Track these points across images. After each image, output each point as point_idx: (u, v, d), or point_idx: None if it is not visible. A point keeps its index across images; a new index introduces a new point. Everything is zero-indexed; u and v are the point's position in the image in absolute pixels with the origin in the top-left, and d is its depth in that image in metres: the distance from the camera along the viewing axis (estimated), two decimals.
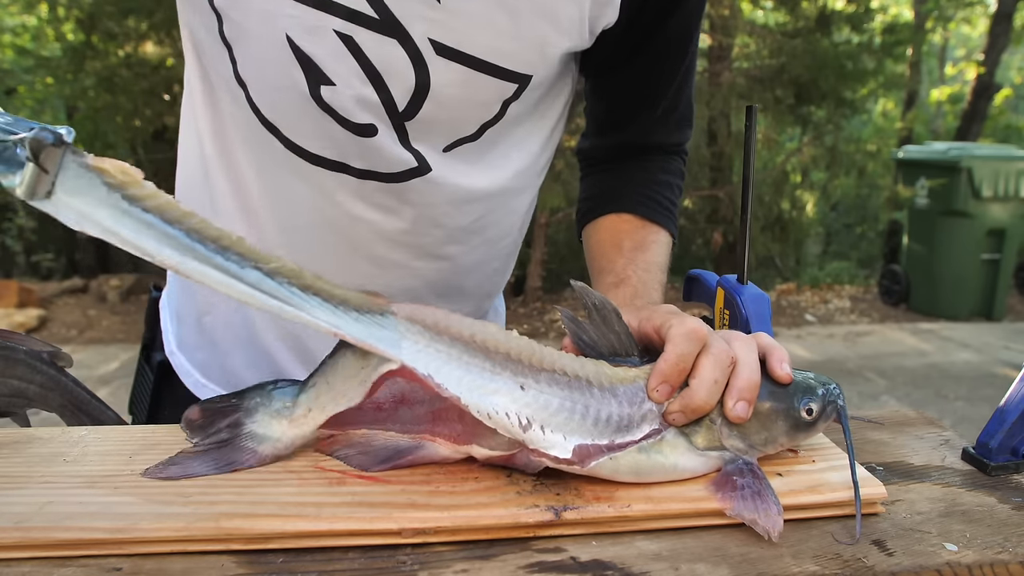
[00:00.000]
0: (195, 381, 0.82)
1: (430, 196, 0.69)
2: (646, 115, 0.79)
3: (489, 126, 0.68)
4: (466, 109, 0.66)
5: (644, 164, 0.82)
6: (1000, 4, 7.09)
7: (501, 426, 0.47)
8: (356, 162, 0.67)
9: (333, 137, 0.65)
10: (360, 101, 0.63)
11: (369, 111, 0.64)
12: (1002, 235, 5.20)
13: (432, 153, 0.68)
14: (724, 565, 0.43)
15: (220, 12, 0.63)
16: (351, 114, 0.64)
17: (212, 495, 0.47)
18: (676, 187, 0.83)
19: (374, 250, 0.72)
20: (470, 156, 0.70)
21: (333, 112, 0.64)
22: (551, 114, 0.76)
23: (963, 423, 3.39)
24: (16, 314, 4.64)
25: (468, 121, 0.67)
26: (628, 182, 0.81)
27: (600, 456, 0.48)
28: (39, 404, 0.65)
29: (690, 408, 0.49)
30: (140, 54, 4.88)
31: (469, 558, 0.43)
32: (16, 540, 0.43)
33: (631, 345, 0.52)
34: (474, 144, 0.69)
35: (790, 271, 6.89)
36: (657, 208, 0.79)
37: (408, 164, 0.67)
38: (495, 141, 0.71)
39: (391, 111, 0.64)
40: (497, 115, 0.68)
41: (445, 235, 0.73)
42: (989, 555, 0.45)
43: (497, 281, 0.86)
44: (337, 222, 0.70)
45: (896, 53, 5.55)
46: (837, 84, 5.23)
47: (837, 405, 0.51)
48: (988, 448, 0.56)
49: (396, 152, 0.66)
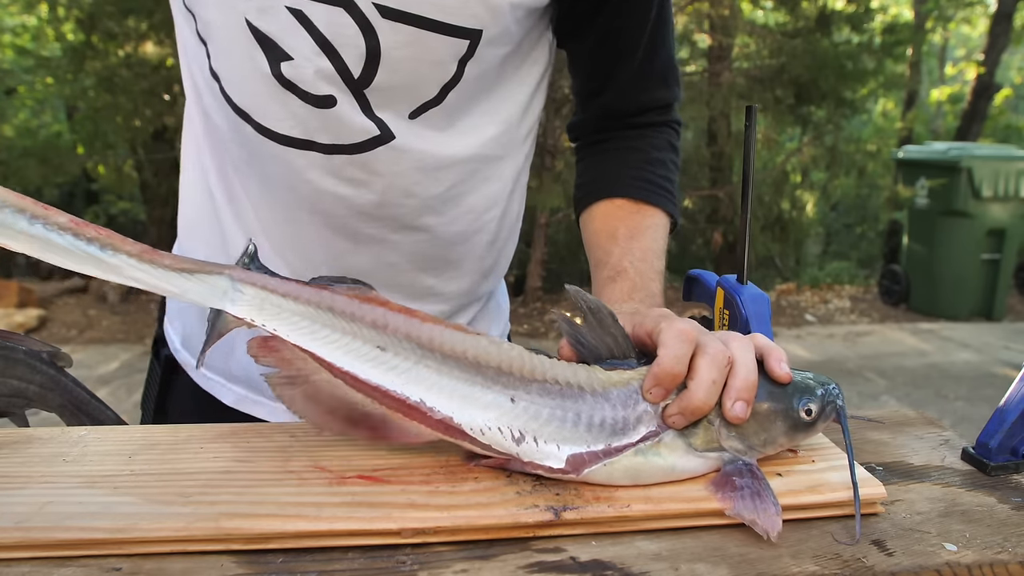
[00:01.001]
0: (199, 374, 0.83)
1: (397, 165, 0.70)
2: (621, 73, 0.77)
3: (450, 88, 0.68)
4: (420, 70, 0.67)
5: (634, 142, 0.80)
6: (1000, 4, 7.09)
7: (495, 442, 0.48)
8: (322, 137, 0.68)
9: (297, 114, 0.67)
10: (318, 72, 0.65)
11: (327, 82, 0.65)
12: (1002, 235, 5.20)
13: (398, 121, 0.68)
14: (724, 565, 0.43)
15: (192, 11, 0.67)
16: (311, 86, 0.66)
17: (212, 495, 0.47)
18: (671, 163, 0.80)
19: (349, 225, 0.72)
20: (438, 122, 0.70)
21: (294, 87, 0.66)
22: (526, 79, 0.75)
23: (963, 423, 3.39)
24: (16, 314, 4.64)
25: (426, 83, 0.67)
26: (620, 164, 0.79)
27: (595, 463, 0.48)
28: (39, 404, 0.65)
29: (688, 409, 0.49)
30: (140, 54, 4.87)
31: (469, 558, 0.44)
32: (16, 540, 0.43)
33: (628, 347, 0.52)
34: (439, 109, 0.69)
35: (790, 271, 6.89)
36: (651, 189, 0.77)
37: (371, 132, 0.68)
38: (462, 107, 0.70)
39: (348, 80, 0.66)
40: (455, 75, 0.67)
41: (419, 204, 0.72)
42: (989, 555, 0.45)
43: (494, 257, 0.83)
44: (311, 200, 0.71)
45: (896, 53, 5.55)
46: (837, 84, 5.23)
47: (836, 405, 0.51)
48: (988, 448, 0.56)
49: (358, 121, 0.67)
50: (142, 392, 0.91)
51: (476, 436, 0.48)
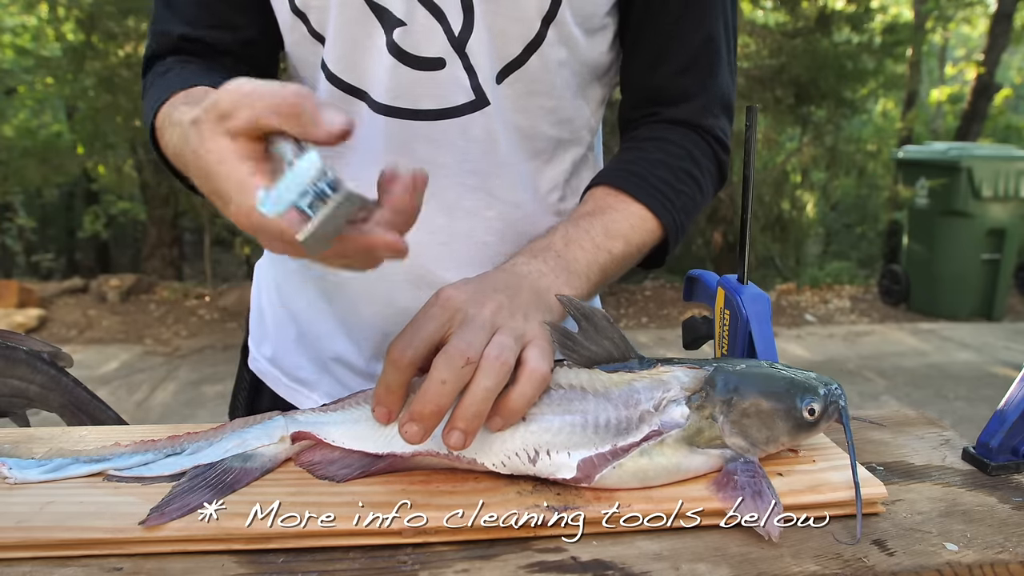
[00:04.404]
0: (283, 384, 0.84)
1: (490, 132, 0.70)
2: (656, 71, 0.74)
3: (533, 48, 0.69)
4: (506, 26, 0.67)
5: (649, 144, 0.75)
6: (1000, 4, 7.09)
7: (514, 468, 0.49)
8: (427, 103, 0.69)
9: (403, 83, 0.68)
10: (427, 33, 0.67)
11: (435, 43, 0.67)
12: (1002, 235, 5.20)
13: (489, 84, 0.69)
14: (724, 565, 0.43)
15: (304, 12, 0.69)
16: (422, 49, 0.67)
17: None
18: (681, 171, 0.73)
19: (448, 197, 0.72)
20: (522, 89, 0.70)
21: (405, 55, 0.67)
22: (595, 63, 0.74)
23: (963, 423, 3.38)
24: (16, 314, 4.64)
25: (511, 40, 0.68)
26: (619, 160, 0.75)
27: (604, 466, 0.48)
28: (39, 404, 0.65)
29: (414, 415, 0.46)
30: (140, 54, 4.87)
31: (469, 558, 0.43)
32: (17, 540, 0.43)
33: (627, 348, 0.52)
34: (523, 72, 0.70)
35: (790, 271, 6.89)
36: (637, 183, 0.70)
37: (469, 96, 0.69)
38: (541, 77, 0.70)
39: (451, 38, 0.67)
40: (538, 34, 0.68)
41: (512, 176, 0.73)
42: (989, 555, 0.45)
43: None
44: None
45: (896, 53, 5.55)
46: (837, 84, 5.23)
47: (839, 406, 0.51)
48: (988, 448, 0.56)
49: (461, 83, 0.69)
50: (230, 400, 0.93)
51: (498, 469, 0.49)
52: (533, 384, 0.48)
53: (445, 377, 0.45)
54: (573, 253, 0.63)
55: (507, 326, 0.49)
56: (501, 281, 0.55)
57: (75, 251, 7.56)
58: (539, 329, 0.51)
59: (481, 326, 0.48)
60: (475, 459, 0.49)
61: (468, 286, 0.52)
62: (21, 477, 0.49)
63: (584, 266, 0.62)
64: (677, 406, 0.50)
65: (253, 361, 0.87)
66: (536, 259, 0.60)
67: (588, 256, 0.63)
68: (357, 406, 0.52)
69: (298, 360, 0.82)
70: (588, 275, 0.62)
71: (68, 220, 7.43)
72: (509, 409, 0.48)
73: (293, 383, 0.83)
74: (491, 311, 0.50)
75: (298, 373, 0.82)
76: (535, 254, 0.61)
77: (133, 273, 5.71)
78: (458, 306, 0.49)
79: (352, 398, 0.53)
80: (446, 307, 0.49)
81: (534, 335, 0.50)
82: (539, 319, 0.52)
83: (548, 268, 0.60)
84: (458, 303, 0.50)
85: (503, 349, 0.47)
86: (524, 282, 0.57)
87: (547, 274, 0.59)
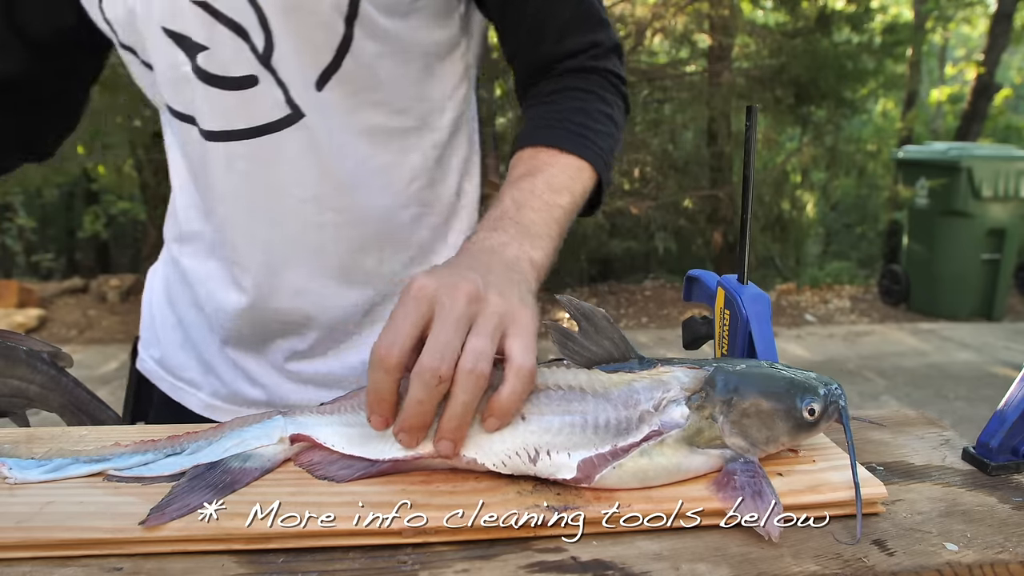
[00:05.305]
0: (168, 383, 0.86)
1: (311, 142, 0.71)
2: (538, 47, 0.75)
3: (345, 51, 0.69)
4: (310, 34, 0.67)
5: (547, 96, 0.76)
6: (1000, 4, 7.09)
7: (514, 468, 0.49)
8: (240, 122, 0.70)
9: (222, 105, 0.69)
10: (231, 53, 0.67)
11: (242, 62, 0.68)
12: (1002, 235, 5.20)
13: (306, 94, 0.70)
14: (724, 565, 0.43)
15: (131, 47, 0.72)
16: (229, 69, 0.68)
17: None
18: (595, 112, 0.74)
19: (275, 209, 0.73)
20: (343, 92, 0.71)
21: (214, 78, 0.68)
22: (432, 48, 0.74)
23: (963, 423, 3.38)
24: (16, 314, 4.64)
25: (320, 47, 0.68)
26: (529, 120, 0.75)
27: (604, 466, 0.48)
28: (39, 404, 0.65)
29: (403, 427, 0.47)
30: None
31: (469, 558, 0.43)
32: (17, 540, 0.43)
33: (627, 349, 0.52)
34: (341, 76, 0.70)
35: (790, 271, 6.89)
36: (556, 135, 0.72)
37: (284, 110, 0.70)
38: (363, 76, 0.71)
39: (257, 55, 0.68)
40: (345, 36, 0.68)
41: (337, 181, 0.73)
42: (989, 555, 0.45)
43: (429, 234, 0.80)
44: (246, 192, 0.73)
45: (896, 53, 5.55)
46: (837, 84, 5.23)
47: (839, 406, 0.51)
48: (989, 448, 0.56)
49: (274, 98, 0.69)
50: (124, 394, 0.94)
51: (499, 469, 0.49)
52: (521, 380, 0.47)
53: (421, 397, 0.46)
54: (528, 216, 0.63)
55: (483, 315, 0.48)
56: (469, 262, 0.54)
57: (75, 251, 7.55)
58: (518, 309, 0.50)
59: (456, 321, 0.47)
60: (475, 459, 0.49)
61: (440, 271, 0.51)
62: (21, 477, 0.49)
63: (542, 226, 0.63)
64: (677, 406, 0.50)
65: (141, 362, 0.89)
66: (496, 231, 0.60)
67: (542, 215, 0.64)
68: (354, 411, 0.52)
69: (185, 361, 0.84)
70: (548, 234, 0.63)
71: (68, 220, 7.43)
72: (502, 409, 0.47)
73: (179, 382, 0.85)
74: (465, 298, 0.48)
75: (184, 373, 0.84)
76: (493, 227, 0.61)
77: (133, 273, 5.71)
78: (431, 295, 0.48)
79: (350, 400, 0.53)
80: (420, 298, 0.48)
81: (512, 318, 0.49)
82: (516, 295, 0.51)
83: (510, 236, 0.60)
84: (431, 292, 0.48)
85: (477, 358, 0.46)
86: (492, 258, 0.56)
87: (510, 243, 0.59)
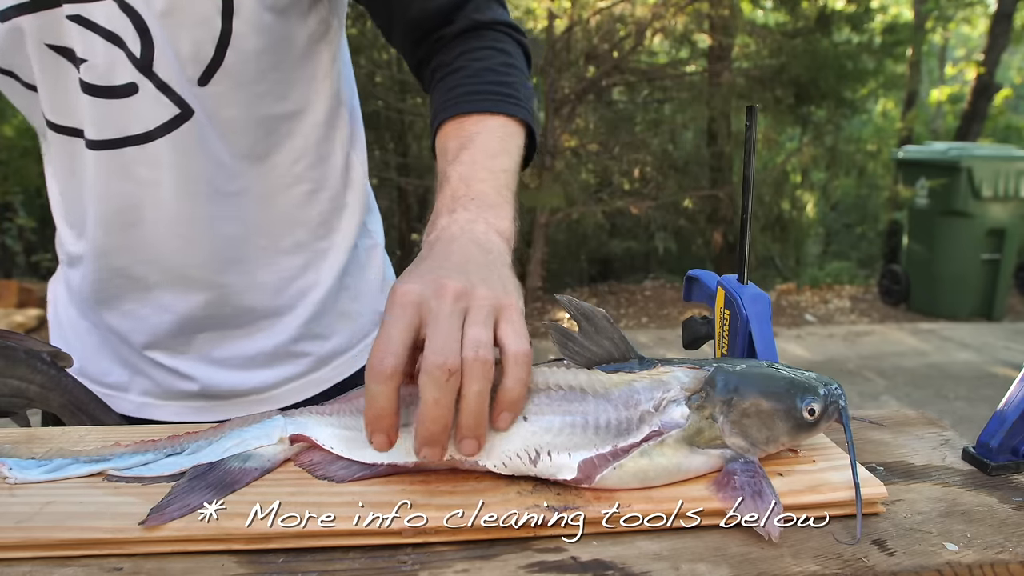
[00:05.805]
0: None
1: (204, 136, 0.72)
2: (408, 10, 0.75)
3: (225, 46, 0.70)
4: (190, 30, 0.68)
5: (448, 66, 0.75)
6: (1000, 4, 7.09)
7: (515, 469, 0.49)
8: (134, 128, 0.70)
9: (108, 114, 0.70)
10: (110, 63, 0.68)
11: (122, 71, 0.68)
12: (1002, 235, 5.20)
13: (191, 91, 0.70)
14: (724, 565, 0.43)
15: (10, 70, 0.71)
16: (111, 79, 0.68)
17: None
18: (502, 66, 0.74)
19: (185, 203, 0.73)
20: (228, 84, 0.72)
21: (97, 89, 0.69)
22: (303, 36, 0.76)
23: (963, 423, 3.38)
24: (16, 314, 4.64)
25: (200, 42, 0.69)
26: (438, 92, 0.74)
27: (604, 467, 0.48)
28: (39, 404, 0.65)
29: (422, 439, 0.46)
30: None
31: (469, 558, 0.43)
32: (17, 540, 0.43)
33: (627, 349, 0.52)
34: (224, 72, 0.71)
35: (790, 271, 6.89)
36: (471, 99, 0.71)
37: (173, 111, 0.70)
38: (245, 68, 0.72)
39: (135, 63, 0.68)
40: (224, 31, 0.69)
41: (231, 169, 0.75)
42: (989, 555, 0.45)
43: (325, 207, 0.82)
44: (132, 197, 0.73)
45: (896, 53, 5.55)
46: (837, 84, 5.23)
47: (839, 406, 0.51)
48: (989, 448, 0.56)
49: (161, 99, 0.70)
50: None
51: (499, 470, 0.49)
52: (521, 366, 0.47)
53: (436, 396, 0.45)
54: (479, 188, 0.62)
55: (473, 308, 0.48)
56: (446, 256, 0.54)
57: None
58: (504, 297, 0.50)
59: (449, 319, 0.47)
60: (476, 460, 0.49)
61: (419, 272, 0.50)
62: (21, 477, 0.49)
63: (496, 195, 0.62)
64: (677, 406, 0.50)
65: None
66: (455, 212, 0.60)
67: (491, 184, 0.63)
68: (353, 415, 0.52)
69: (108, 367, 0.82)
70: (505, 201, 0.63)
71: None
72: (510, 399, 0.47)
73: (104, 388, 0.82)
74: (452, 296, 0.48)
75: (107, 379, 0.82)
76: (451, 208, 0.60)
77: None
78: (417, 300, 0.48)
79: (351, 402, 0.53)
80: (406, 304, 0.47)
81: (500, 305, 0.49)
82: (499, 282, 0.51)
83: (472, 214, 0.59)
84: (415, 296, 0.48)
85: (479, 346, 0.46)
86: (466, 246, 0.55)
87: (475, 220, 0.59)
